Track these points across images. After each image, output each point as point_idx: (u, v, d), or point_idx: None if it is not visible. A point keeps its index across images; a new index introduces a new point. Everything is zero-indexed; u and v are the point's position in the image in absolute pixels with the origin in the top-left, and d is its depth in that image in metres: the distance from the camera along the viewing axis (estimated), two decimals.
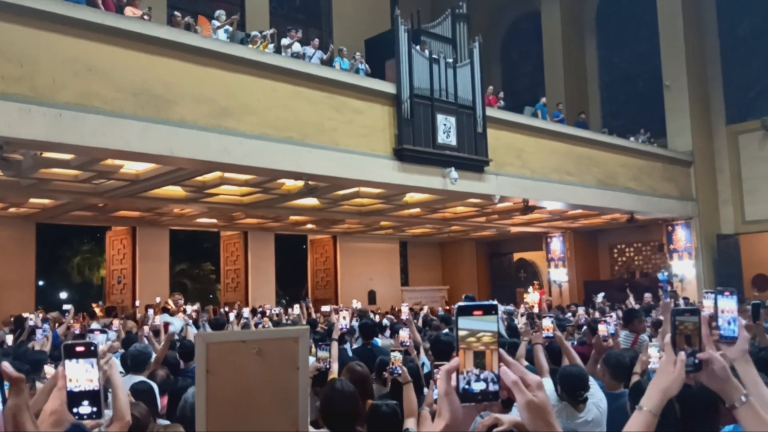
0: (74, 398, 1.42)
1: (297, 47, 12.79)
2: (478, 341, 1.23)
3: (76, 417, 1.41)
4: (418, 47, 12.98)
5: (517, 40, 26.38)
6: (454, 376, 1.24)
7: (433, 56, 13.18)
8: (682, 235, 20.38)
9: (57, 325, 9.44)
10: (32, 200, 13.74)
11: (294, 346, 1.58)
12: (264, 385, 1.56)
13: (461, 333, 1.23)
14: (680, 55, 20.27)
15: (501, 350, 1.26)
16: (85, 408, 1.42)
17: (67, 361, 1.42)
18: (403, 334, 5.62)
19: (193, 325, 9.18)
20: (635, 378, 4.49)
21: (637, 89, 23.57)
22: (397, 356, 4.39)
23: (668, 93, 20.54)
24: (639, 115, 22.58)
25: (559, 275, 23.06)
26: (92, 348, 1.44)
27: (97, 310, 16.08)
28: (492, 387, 1.23)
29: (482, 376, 1.23)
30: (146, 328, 8.23)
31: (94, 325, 8.90)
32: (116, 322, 9.36)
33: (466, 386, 1.23)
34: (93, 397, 1.42)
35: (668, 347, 1.67)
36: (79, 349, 1.44)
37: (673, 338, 1.66)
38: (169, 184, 12.57)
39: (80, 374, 1.42)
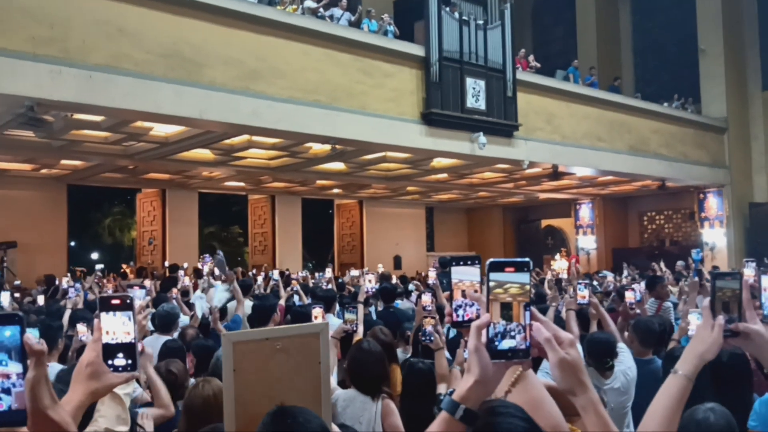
0: (110, 350, 1.43)
1: (321, 10, 12.65)
2: (505, 292, 1.22)
3: (111, 369, 1.42)
4: (447, 8, 12.75)
5: (548, 3, 25.81)
6: (484, 332, 1.22)
7: (463, 18, 12.95)
8: (713, 203, 20.07)
9: (90, 286, 9.61)
10: (63, 162, 13.92)
11: (315, 341, 1.59)
12: (288, 380, 1.57)
13: (491, 285, 1.22)
14: (716, 18, 19.72)
15: (533, 308, 1.24)
16: (120, 360, 1.43)
17: (103, 314, 1.43)
18: (426, 298, 5.52)
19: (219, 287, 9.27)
20: (673, 344, 4.46)
21: (671, 54, 23.03)
22: (429, 321, 4.34)
23: (703, 58, 20.04)
24: (672, 80, 22.11)
25: (588, 242, 22.89)
26: (128, 301, 1.44)
27: (128, 271, 16.37)
28: (522, 344, 1.22)
29: (509, 329, 1.21)
30: (175, 290, 8.34)
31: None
32: (148, 282, 9.51)
33: (496, 343, 1.21)
34: (128, 349, 1.43)
35: (706, 311, 1.63)
36: (115, 301, 1.44)
37: (712, 302, 1.62)
38: (198, 146, 12.64)
39: (116, 327, 1.42)
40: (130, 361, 1.42)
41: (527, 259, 1.24)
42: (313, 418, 1.47)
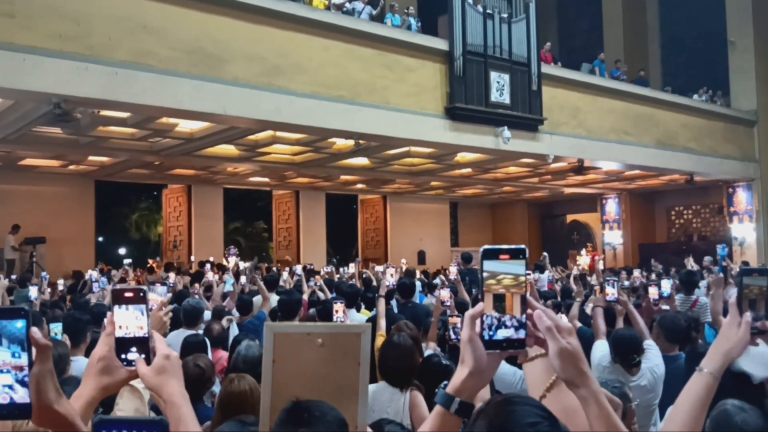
0: (123, 344, 1.41)
1: (347, 5, 12.64)
2: (498, 283, 1.19)
3: (125, 363, 1.40)
4: (471, 2, 12.67)
5: None
6: (478, 322, 1.20)
7: (488, 11, 12.85)
8: (742, 198, 19.74)
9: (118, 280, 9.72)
10: (91, 158, 14.10)
11: (357, 341, 1.58)
12: (326, 377, 1.57)
13: (484, 275, 1.19)
14: (746, 10, 19.33)
15: (529, 297, 1.21)
16: (134, 354, 1.41)
17: (115, 308, 1.41)
18: (444, 293, 5.45)
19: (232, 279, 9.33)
20: (700, 343, 4.38)
21: (699, 47, 22.66)
22: (454, 321, 4.29)
23: (733, 50, 19.67)
24: (701, 73, 21.74)
25: (614, 237, 22.65)
26: (141, 294, 1.42)
27: (154, 266, 16.55)
28: (517, 334, 1.19)
29: (504, 321, 1.18)
30: (197, 285, 8.41)
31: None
32: (173, 276, 9.60)
33: (491, 333, 1.19)
34: (142, 343, 1.41)
35: (733, 308, 1.59)
36: (128, 295, 1.41)
37: (738, 299, 1.58)
38: (223, 142, 12.72)
39: (129, 321, 1.40)
40: (143, 356, 1.41)
41: (522, 246, 1.21)
42: (329, 410, 1.46)
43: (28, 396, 1.15)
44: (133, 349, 1.41)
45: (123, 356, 1.41)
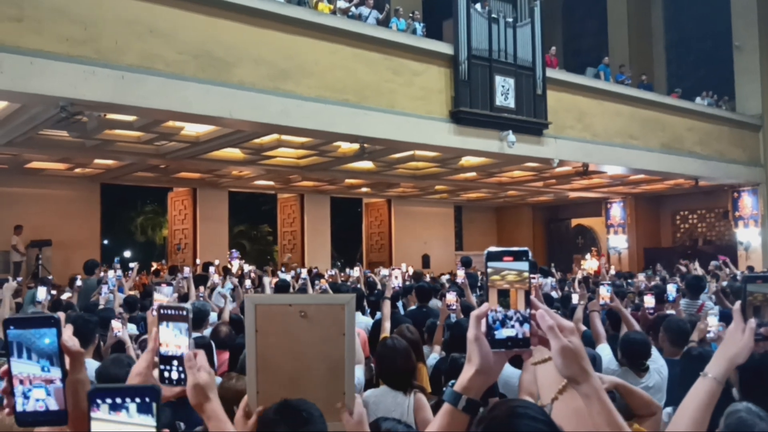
0: (162, 361, 1.43)
1: (353, 9, 12.68)
2: (502, 279, 1.22)
3: (167, 382, 1.42)
4: (477, 6, 12.70)
5: None
6: (483, 321, 1.23)
7: (493, 15, 12.88)
8: (748, 202, 19.70)
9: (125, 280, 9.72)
10: (97, 161, 14.14)
11: (341, 312, 1.59)
12: (311, 348, 1.59)
13: (488, 272, 1.22)
14: (751, 13, 19.31)
15: (533, 297, 1.24)
16: (173, 373, 1.43)
17: (161, 325, 1.43)
18: (450, 297, 5.45)
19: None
20: (692, 345, 4.39)
21: (704, 49, 22.64)
22: None
23: (738, 54, 19.65)
24: (707, 77, 21.72)
25: (619, 242, 22.62)
26: (183, 313, 1.44)
27: (159, 269, 16.57)
28: (522, 330, 1.22)
29: (508, 315, 1.21)
30: (202, 288, 8.41)
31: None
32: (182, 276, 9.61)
33: (496, 332, 1.22)
34: (180, 362, 1.42)
35: (737, 314, 1.61)
36: (171, 312, 1.44)
37: (743, 305, 1.60)
38: (228, 146, 12.76)
39: (169, 339, 1.43)
40: (182, 376, 1.42)
41: (525, 249, 1.24)
42: (314, 410, 1.49)
43: (59, 404, 1.15)
44: (172, 367, 1.42)
45: (165, 375, 1.43)
